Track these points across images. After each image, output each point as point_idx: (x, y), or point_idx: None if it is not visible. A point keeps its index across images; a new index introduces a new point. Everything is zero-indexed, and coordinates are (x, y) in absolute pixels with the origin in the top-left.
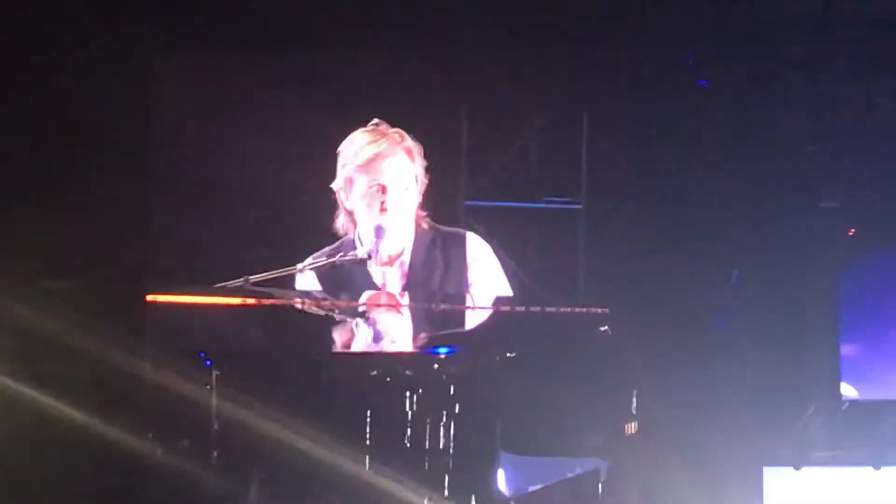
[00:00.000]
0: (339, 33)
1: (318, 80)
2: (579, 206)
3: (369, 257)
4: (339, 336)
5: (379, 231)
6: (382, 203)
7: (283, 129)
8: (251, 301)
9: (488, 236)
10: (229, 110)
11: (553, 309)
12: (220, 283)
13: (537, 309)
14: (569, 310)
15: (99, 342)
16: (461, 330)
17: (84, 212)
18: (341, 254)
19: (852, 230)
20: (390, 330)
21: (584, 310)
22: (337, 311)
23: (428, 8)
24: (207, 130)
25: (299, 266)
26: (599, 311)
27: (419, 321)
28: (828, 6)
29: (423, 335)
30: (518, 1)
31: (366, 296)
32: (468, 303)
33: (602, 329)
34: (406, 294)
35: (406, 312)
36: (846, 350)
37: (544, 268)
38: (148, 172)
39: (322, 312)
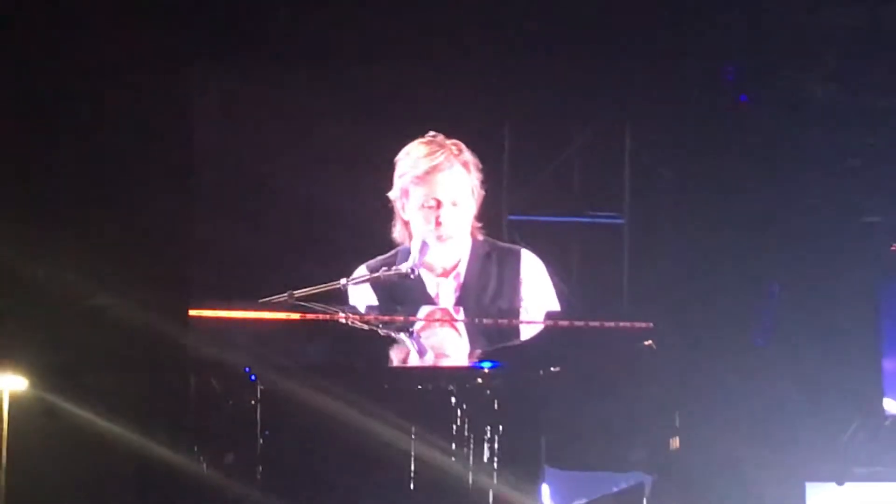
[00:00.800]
0: (385, 46)
1: (361, 94)
2: (622, 221)
3: (413, 272)
4: (390, 351)
5: (424, 247)
6: (437, 217)
7: (327, 142)
8: (295, 316)
9: (532, 251)
10: (271, 123)
11: (597, 324)
12: (264, 297)
13: (581, 324)
14: (613, 324)
15: (144, 357)
16: (515, 343)
17: (129, 228)
18: (384, 268)
19: (895, 245)
20: (442, 344)
21: (629, 324)
22: (381, 326)
23: (472, 23)
24: (251, 144)
25: (343, 281)
26: (643, 325)
27: (472, 336)
28: (870, 21)
29: (476, 350)
30: (560, 15)
31: (423, 311)
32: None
33: (646, 343)
34: (460, 308)
35: (460, 327)
36: (889, 365)
37: (588, 282)
38: (191, 187)
39: (366, 327)
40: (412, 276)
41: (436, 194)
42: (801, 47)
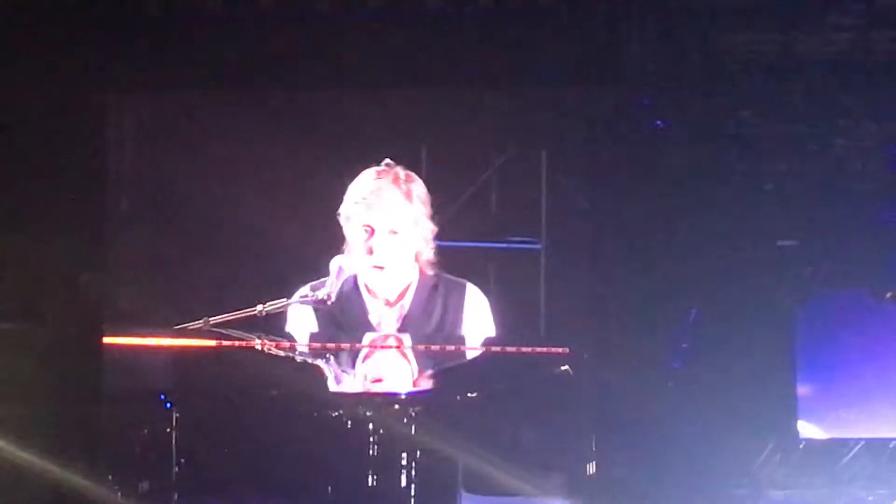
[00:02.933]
0: (303, 72)
1: (277, 118)
2: (539, 246)
3: (328, 298)
4: (308, 377)
5: (339, 273)
6: (370, 247)
7: (245, 167)
8: (211, 343)
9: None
10: (190, 149)
11: (514, 349)
12: (180, 324)
13: (498, 349)
14: (529, 350)
15: (56, 384)
16: (432, 371)
17: (40, 252)
18: (303, 296)
19: (809, 268)
20: (386, 371)
21: (545, 350)
22: (297, 353)
23: (390, 48)
24: (169, 169)
25: (259, 307)
26: (560, 351)
27: (419, 362)
28: (783, 47)
29: (422, 376)
30: (477, 41)
31: (368, 338)
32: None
33: (562, 368)
34: (401, 337)
35: (408, 354)
36: (803, 389)
37: (505, 307)
38: (106, 212)
39: (283, 354)
40: (329, 303)
41: (371, 221)
42: (716, 73)
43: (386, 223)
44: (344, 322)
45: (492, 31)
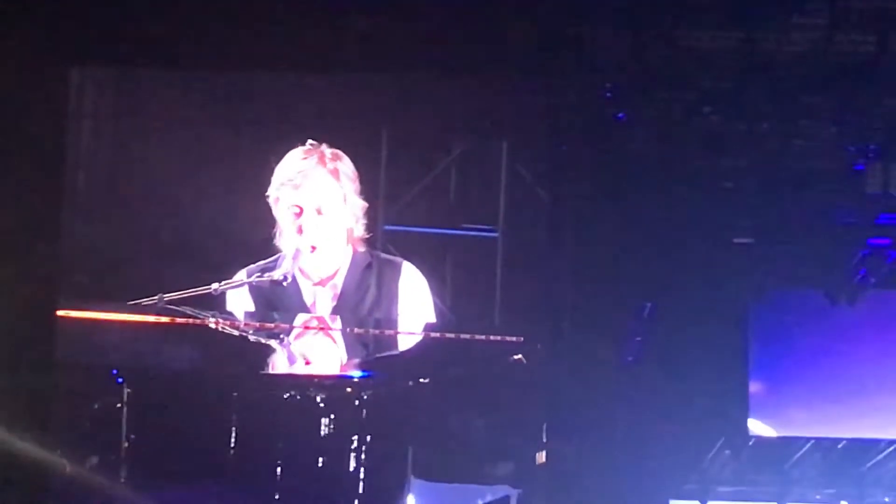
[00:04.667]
0: (265, 54)
1: (241, 100)
2: (496, 235)
3: (285, 279)
4: (261, 358)
5: (297, 254)
6: (300, 226)
7: (204, 148)
8: (165, 319)
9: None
10: (148, 128)
11: (468, 336)
12: (134, 300)
13: (453, 336)
14: (484, 338)
15: (9, 357)
16: (384, 354)
17: None
18: (258, 274)
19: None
20: (316, 353)
21: (499, 338)
22: (251, 332)
23: (353, 33)
24: (128, 147)
25: (215, 285)
26: (514, 339)
27: (347, 345)
28: (746, 45)
29: (350, 359)
30: (441, 30)
31: (300, 318)
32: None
33: (516, 357)
34: (336, 317)
35: (336, 336)
36: (754, 386)
37: (461, 295)
38: (62, 186)
39: (237, 333)
40: (284, 283)
41: (298, 201)
42: (678, 69)
43: (313, 202)
44: (279, 303)
45: (456, 20)
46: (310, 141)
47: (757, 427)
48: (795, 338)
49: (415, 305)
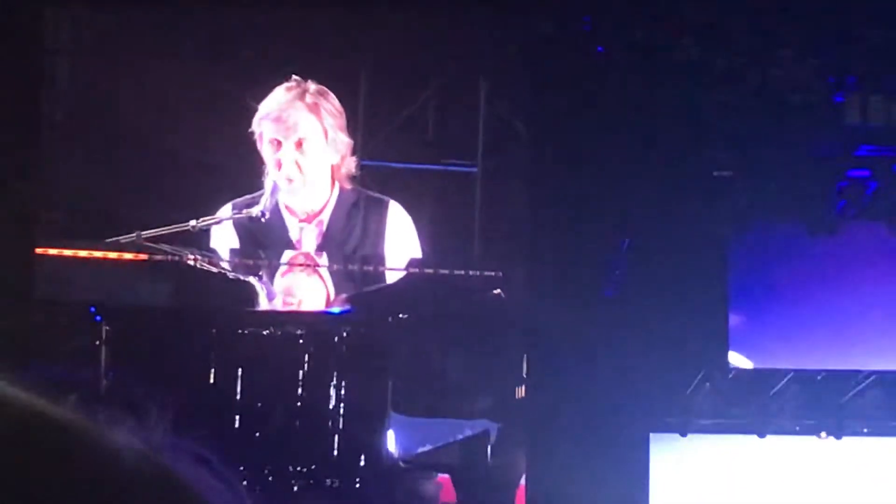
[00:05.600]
0: None
1: (218, 34)
2: (475, 170)
3: (263, 215)
4: (241, 295)
5: (274, 189)
6: (278, 160)
7: (183, 82)
8: (143, 257)
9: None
10: (126, 61)
11: (446, 271)
12: (112, 237)
13: (431, 271)
14: (462, 273)
15: None
16: (363, 291)
17: None
18: (235, 210)
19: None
20: (300, 290)
21: (478, 273)
22: (230, 269)
23: None
24: (104, 80)
25: (193, 222)
26: (493, 274)
27: (332, 282)
28: None
29: (337, 295)
30: None
31: (287, 255)
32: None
33: (495, 292)
34: (322, 254)
35: (323, 273)
36: (734, 319)
37: (439, 230)
38: (39, 121)
39: (215, 270)
40: (263, 219)
41: (277, 134)
42: (656, 1)
43: (292, 136)
44: (264, 239)
45: None
46: (294, 77)
47: (736, 360)
48: (775, 270)
49: (401, 244)
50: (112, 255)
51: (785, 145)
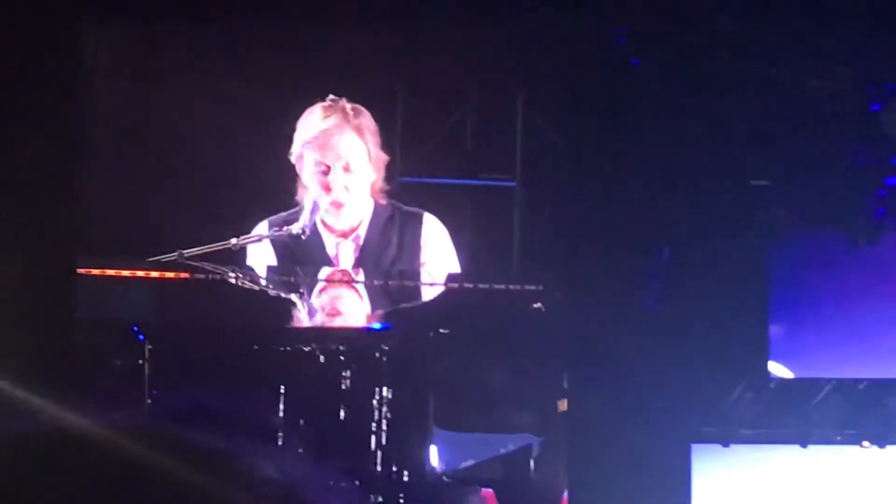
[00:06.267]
0: (282, 5)
1: (257, 53)
2: (514, 184)
3: (304, 232)
4: (282, 312)
5: (315, 208)
6: (327, 183)
7: (223, 100)
8: (185, 275)
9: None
10: (167, 81)
11: (486, 286)
12: (153, 256)
13: (471, 286)
14: (503, 287)
15: (28, 315)
16: (405, 306)
17: (15, 181)
18: (275, 228)
19: (783, 211)
20: (339, 306)
21: (518, 287)
22: (271, 287)
23: None
24: (146, 99)
25: (233, 240)
26: (533, 288)
27: (371, 298)
28: None
29: (373, 312)
30: None
31: (324, 272)
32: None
33: (535, 306)
34: (360, 270)
35: (359, 289)
36: (774, 329)
37: (478, 245)
38: (82, 141)
39: (257, 287)
40: (303, 237)
41: (325, 159)
42: (694, 11)
43: (340, 160)
44: (301, 256)
45: None
46: (330, 96)
47: (777, 370)
48: (815, 279)
49: (437, 256)
50: (154, 274)
51: (823, 154)
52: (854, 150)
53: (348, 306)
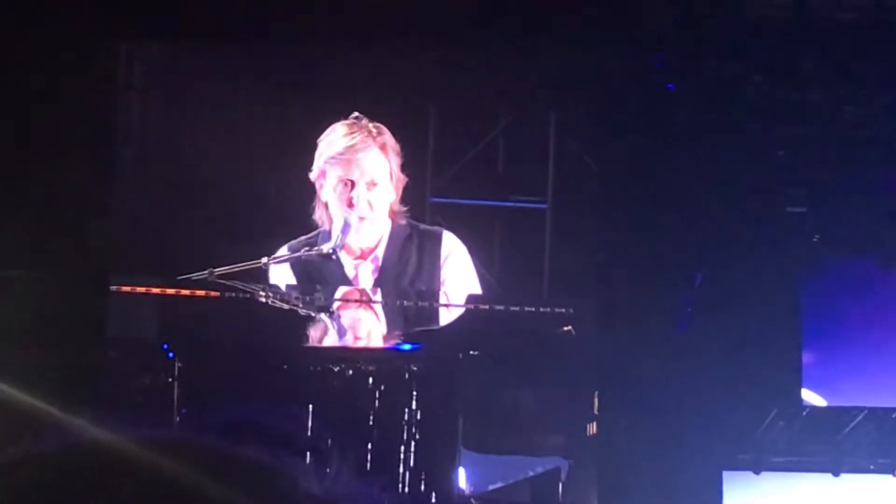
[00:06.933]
0: (311, 26)
1: (286, 73)
2: (545, 206)
3: (334, 252)
4: (310, 331)
5: (345, 227)
6: (350, 199)
7: (251, 121)
8: (215, 293)
9: (454, 233)
10: (196, 101)
11: (517, 308)
12: (184, 274)
13: (501, 307)
14: (533, 309)
15: (60, 332)
16: (432, 327)
17: (47, 199)
18: (306, 248)
19: (816, 236)
20: (360, 326)
21: (549, 309)
22: (300, 306)
23: (400, 3)
24: (175, 119)
25: (264, 259)
26: (563, 311)
27: (391, 318)
28: (797, 11)
29: (394, 332)
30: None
31: (341, 291)
32: (440, 301)
33: (565, 328)
34: (378, 290)
35: (378, 309)
36: (807, 356)
37: (509, 267)
38: (113, 161)
39: (286, 307)
40: (333, 257)
41: (350, 175)
42: (729, 37)
43: (365, 177)
44: (319, 276)
45: None
46: (354, 114)
47: (810, 397)
48: (848, 306)
49: (457, 275)
50: (185, 292)
51: (858, 181)
52: (889, 177)
53: (365, 326)
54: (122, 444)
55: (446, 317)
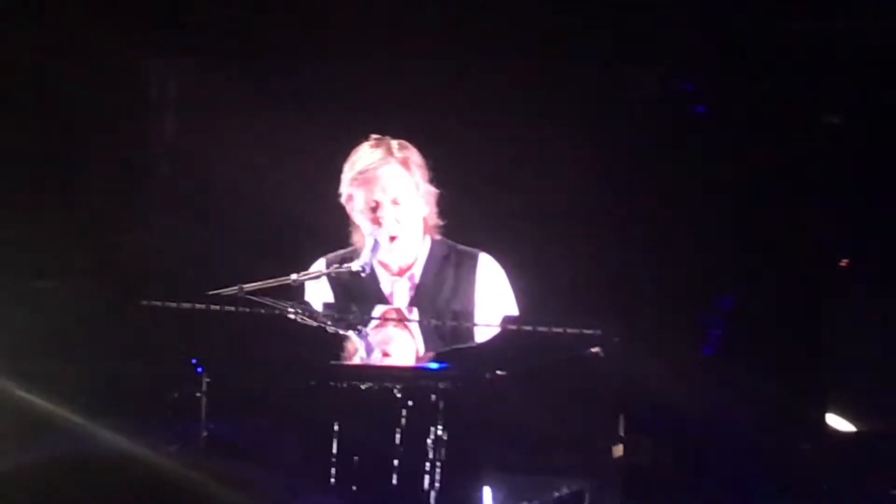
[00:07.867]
0: (344, 43)
1: (323, 90)
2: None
3: (364, 270)
4: (339, 348)
5: (375, 246)
6: (377, 218)
7: (287, 138)
8: (245, 310)
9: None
10: (231, 116)
11: (545, 328)
12: (214, 290)
13: (529, 328)
14: (561, 330)
15: (90, 344)
16: (461, 346)
17: (80, 214)
18: (336, 265)
19: (844, 261)
20: (392, 344)
21: (577, 331)
22: (330, 323)
23: (430, 22)
24: (207, 135)
25: (293, 276)
26: (591, 332)
27: (425, 337)
28: (827, 36)
29: (427, 351)
30: (518, 17)
31: (379, 310)
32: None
33: (593, 350)
34: (413, 309)
35: (413, 328)
36: (834, 381)
37: (537, 287)
38: (146, 177)
39: (314, 324)
40: (363, 275)
41: (373, 195)
42: (759, 60)
43: (388, 194)
44: (357, 293)
45: (529, 8)
46: (373, 135)
47: (837, 422)
48: (876, 333)
49: (492, 297)
50: (214, 307)
51: (884, 204)
52: None
53: (401, 345)
54: (142, 457)
55: (480, 337)
